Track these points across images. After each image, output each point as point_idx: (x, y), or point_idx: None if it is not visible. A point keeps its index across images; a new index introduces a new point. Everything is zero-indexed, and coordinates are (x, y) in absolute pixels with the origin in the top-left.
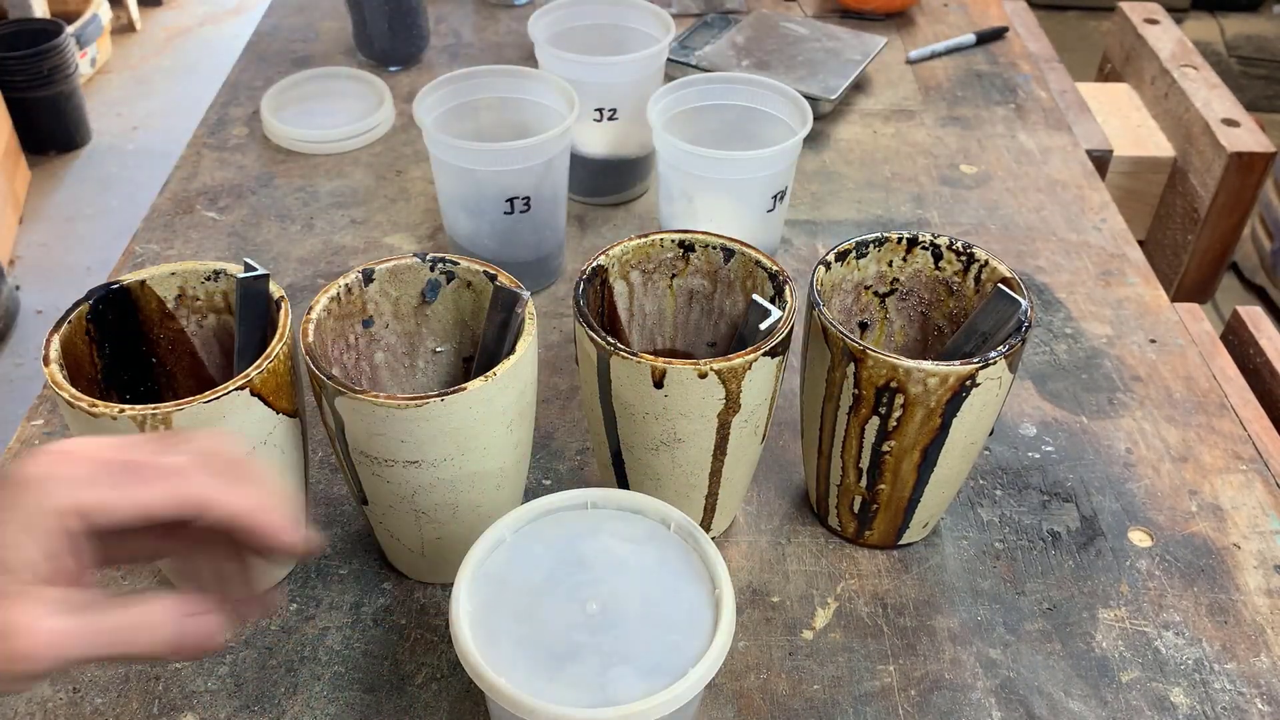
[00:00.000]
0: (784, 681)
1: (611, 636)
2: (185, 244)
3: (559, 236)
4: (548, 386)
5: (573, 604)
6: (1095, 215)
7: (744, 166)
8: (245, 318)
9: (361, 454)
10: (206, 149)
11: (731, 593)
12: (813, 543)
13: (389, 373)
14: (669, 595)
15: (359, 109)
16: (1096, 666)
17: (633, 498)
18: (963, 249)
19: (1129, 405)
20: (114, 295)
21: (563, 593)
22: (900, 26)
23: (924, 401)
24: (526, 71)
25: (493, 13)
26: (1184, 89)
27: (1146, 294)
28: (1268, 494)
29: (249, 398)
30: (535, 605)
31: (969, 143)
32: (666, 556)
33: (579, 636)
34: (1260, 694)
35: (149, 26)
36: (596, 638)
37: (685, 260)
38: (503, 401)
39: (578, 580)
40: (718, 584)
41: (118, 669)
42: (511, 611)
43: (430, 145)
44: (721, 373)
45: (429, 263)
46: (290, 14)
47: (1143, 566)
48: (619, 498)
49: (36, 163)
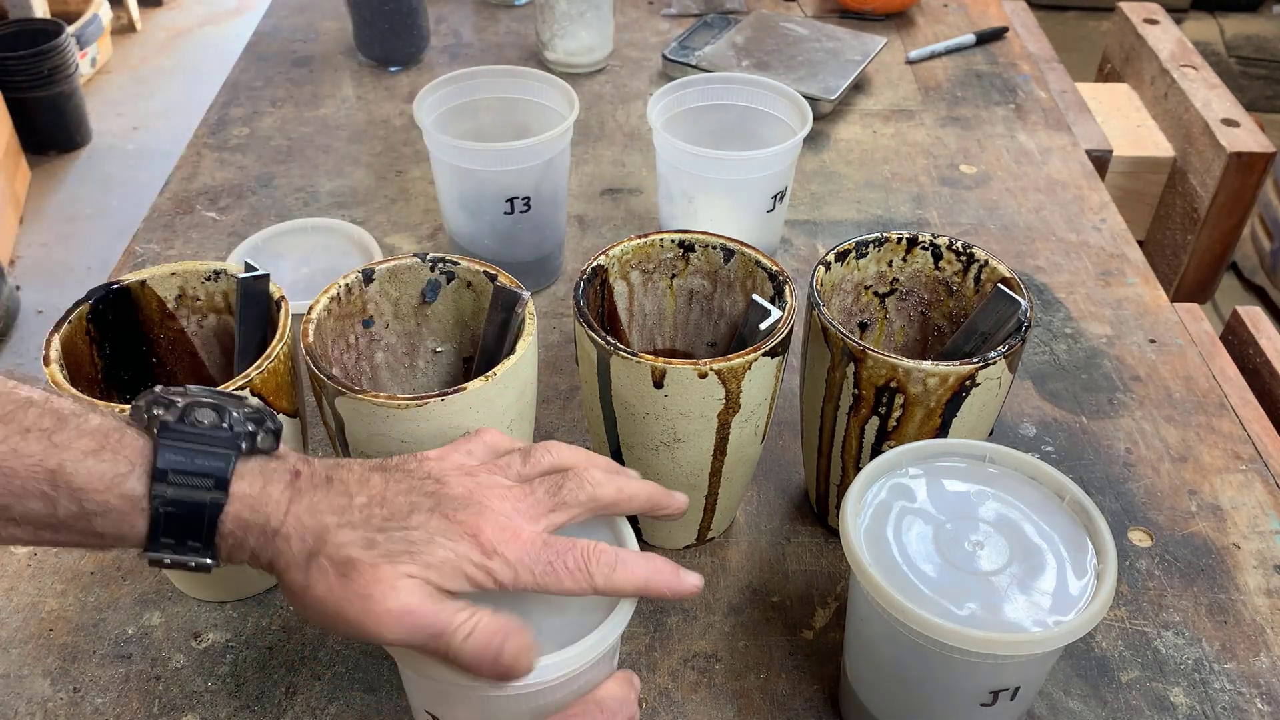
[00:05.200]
0: (784, 681)
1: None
2: (185, 244)
3: (559, 236)
4: (548, 386)
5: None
6: (1095, 215)
7: (744, 166)
8: (245, 318)
9: (362, 454)
10: (206, 149)
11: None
12: (813, 543)
13: (389, 373)
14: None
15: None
16: (1096, 666)
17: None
18: (962, 249)
19: (1129, 405)
20: (114, 295)
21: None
22: (900, 26)
23: (924, 401)
24: (526, 71)
25: (493, 13)
26: (1184, 89)
27: (1146, 294)
28: (1267, 494)
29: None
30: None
31: (969, 143)
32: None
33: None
34: (1260, 694)
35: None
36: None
37: (685, 260)
38: (503, 401)
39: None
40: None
41: (117, 669)
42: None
43: (430, 145)
44: (721, 373)
45: (429, 263)
46: (290, 14)
47: (1142, 566)
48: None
49: (37, 163)
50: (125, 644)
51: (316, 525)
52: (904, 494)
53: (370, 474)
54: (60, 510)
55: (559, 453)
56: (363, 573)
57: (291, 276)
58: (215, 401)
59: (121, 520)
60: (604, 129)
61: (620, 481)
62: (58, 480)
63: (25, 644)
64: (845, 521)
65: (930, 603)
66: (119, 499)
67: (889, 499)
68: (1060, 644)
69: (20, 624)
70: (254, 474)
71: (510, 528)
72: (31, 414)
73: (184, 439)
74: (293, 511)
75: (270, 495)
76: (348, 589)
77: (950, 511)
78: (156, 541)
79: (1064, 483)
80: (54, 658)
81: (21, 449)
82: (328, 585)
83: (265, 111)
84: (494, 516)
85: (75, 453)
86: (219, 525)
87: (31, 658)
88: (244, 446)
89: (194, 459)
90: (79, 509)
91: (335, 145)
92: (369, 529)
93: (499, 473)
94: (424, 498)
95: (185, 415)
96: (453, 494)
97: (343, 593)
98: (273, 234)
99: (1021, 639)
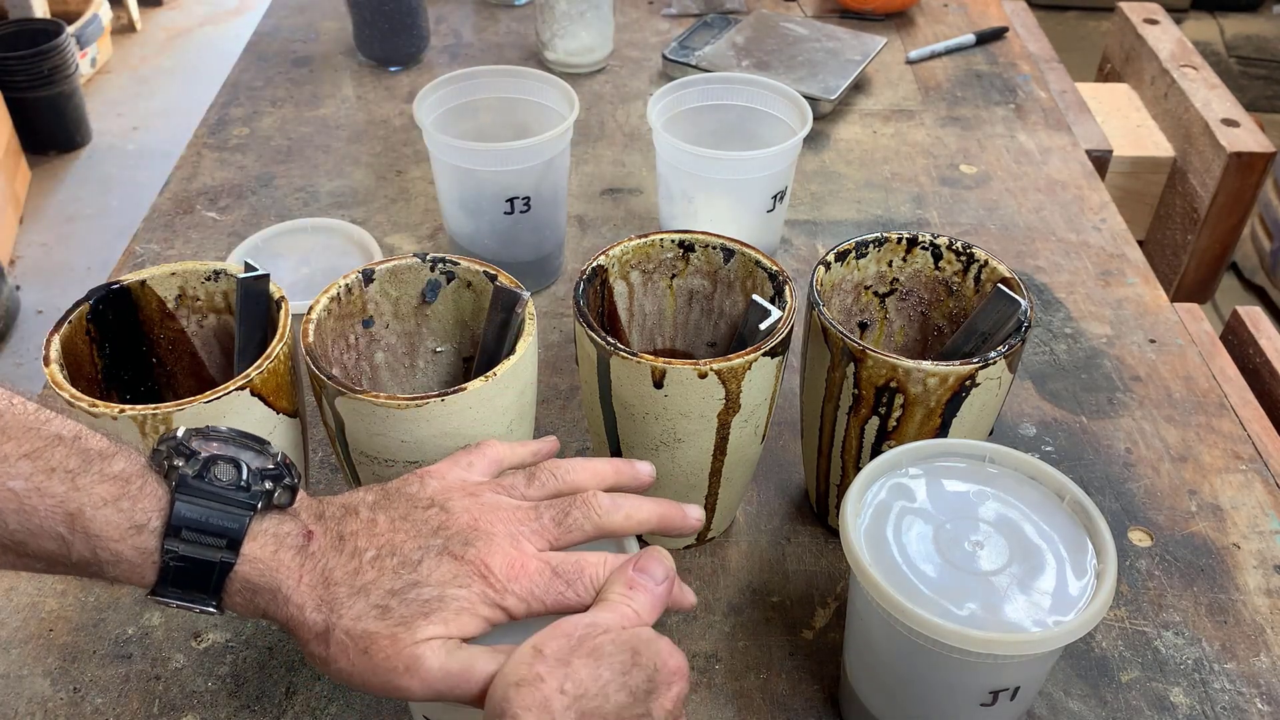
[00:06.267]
0: (784, 681)
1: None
2: (185, 244)
3: (559, 236)
4: (548, 386)
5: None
6: (1095, 215)
7: (744, 166)
8: (245, 318)
9: (362, 454)
10: (206, 149)
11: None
12: (813, 543)
13: (389, 373)
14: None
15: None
16: (1096, 666)
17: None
18: (962, 249)
19: (1128, 405)
20: (114, 295)
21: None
22: (900, 26)
23: (924, 401)
24: (526, 71)
25: (493, 13)
26: (1184, 89)
27: (1146, 294)
28: (1267, 494)
29: (249, 398)
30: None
31: (969, 143)
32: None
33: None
34: (1260, 694)
35: (149, 26)
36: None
37: (685, 260)
38: (503, 401)
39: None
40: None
41: (117, 669)
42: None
43: (430, 145)
44: (721, 373)
45: (429, 263)
46: (290, 14)
47: (1142, 566)
48: (1016, 459)
49: (37, 163)
50: (125, 644)
51: (330, 596)
52: (904, 494)
53: (377, 517)
54: (74, 554)
55: (564, 475)
56: (382, 647)
57: (291, 276)
58: (235, 455)
59: (132, 570)
60: (604, 129)
61: (629, 507)
62: (75, 525)
63: (25, 644)
64: (845, 521)
65: (930, 603)
66: (132, 550)
67: (889, 499)
68: (1060, 644)
69: (20, 624)
70: (267, 536)
71: (518, 561)
72: (59, 454)
73: (201, 495)
74: (305, 580)
75: (281, 561)
76: (369, 663)
77: (950, 511)
78: (164, 588)
79: (1064, 483)
80: (54, 658)
81: (45, 488)
82: (349, 661)
83: (265, 111)
84: (501, 546)
85: (95, 499)
86: (227, 583)
87: (31, 658)
88: (259, 506)
89: (209, 518)
90: (92, 555)
91: (335, 145)
92: (381, 592)
93: (503, 493)
94: (431, 537)
95: (204, 471)
96: (458, 525)
97: (365, 667)
98: (273, 234)
99: (1021, 639)
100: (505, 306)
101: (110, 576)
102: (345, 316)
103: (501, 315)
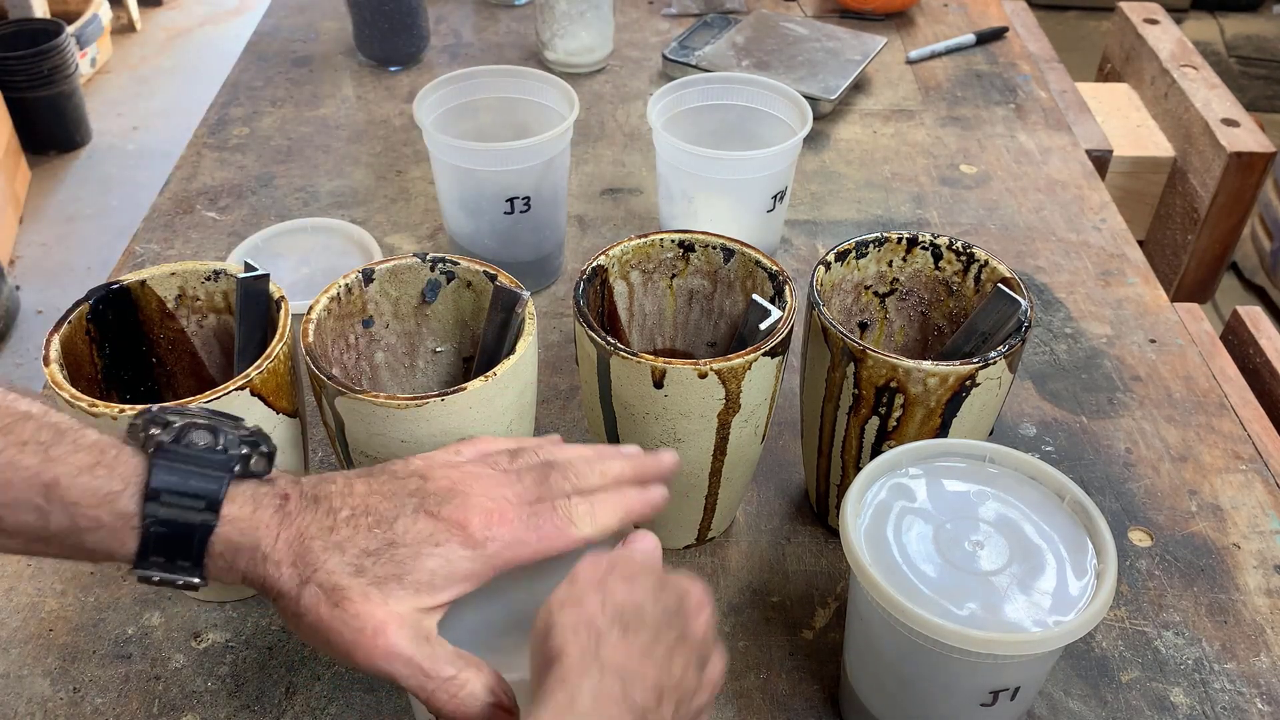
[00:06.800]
0: (784, 681)
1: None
2: (185, 244)
3: (559, 236)
4: (548, 386)
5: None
6: (1095, 215)
7: (744, 166)
8: (245, 318)
9: (362, 454)
10: (206, 149)
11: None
12: (813, 543)
13: (389, 373)
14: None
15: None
16: (1096, 666)
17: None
18: (962, 249)
19: (1129, 405)
20: (114, 295)
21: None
22: (900, 26)
23: (924, 401)
24: (526, 71)
25: (493, 13)
26: (1184, 89)
27: (1146, 294)
28: (1267, 494)
29: (249, 398)
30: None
31: (969, 143)
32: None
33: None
34: (1260, 694)
35: (149, 26)
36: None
37: (685, 260)
38: (503, 401)
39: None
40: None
41: (117, 669)
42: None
43: (430, 145)
44: (721, 373)
45: (429, 263)
46: (290, 14)
47: (1143, 566)
48: (1017, 459)
49: (37, 163)
50: (125, 644)
51: (306, 550)
52: (904, 494)
53: (355, 482)
54: (52, 524)
55: (545, 452)
56: (354, 601)
57: (291, 276)
58: (211, 423)
59: (112, 537)
60: (604, 129)
61: (602, 465)
62: (52, 494)
63: (25, 644)
64: (845, 521)
65: (930, 603)
66: (111, 516)
67: (889, 499)
68: (1060, 644)
69: (20, 624)
70: (245, 497)
71: (496, 510)
72: (29, 427)
73: (178, 459)
74: (283, 537)
75: (260, 520)
76: (338, 617)
77: (950, 511)
78: (146, 559)
79: (1064, 483)
80: (54, 658)
81: (18, 461)
82: (319, 613)
83: (265, 111)
84: (478, 502)
85: (70, 467)
86: (209, 546)
87: (31, 658)
88: (237, 469)
89: (187, 480)
90: (71, 523)
91: (335, 145)
92: (356, 550)
93: (485, 466)
94: (408, 498)
95: (181, 436)
96: (436, 487)
97: (333, 621)
98: (273, 234)
99: (1021, 639)
100: (505, 306)
101: (90, 547)
102: (345, 316)
103: (501, 315)
